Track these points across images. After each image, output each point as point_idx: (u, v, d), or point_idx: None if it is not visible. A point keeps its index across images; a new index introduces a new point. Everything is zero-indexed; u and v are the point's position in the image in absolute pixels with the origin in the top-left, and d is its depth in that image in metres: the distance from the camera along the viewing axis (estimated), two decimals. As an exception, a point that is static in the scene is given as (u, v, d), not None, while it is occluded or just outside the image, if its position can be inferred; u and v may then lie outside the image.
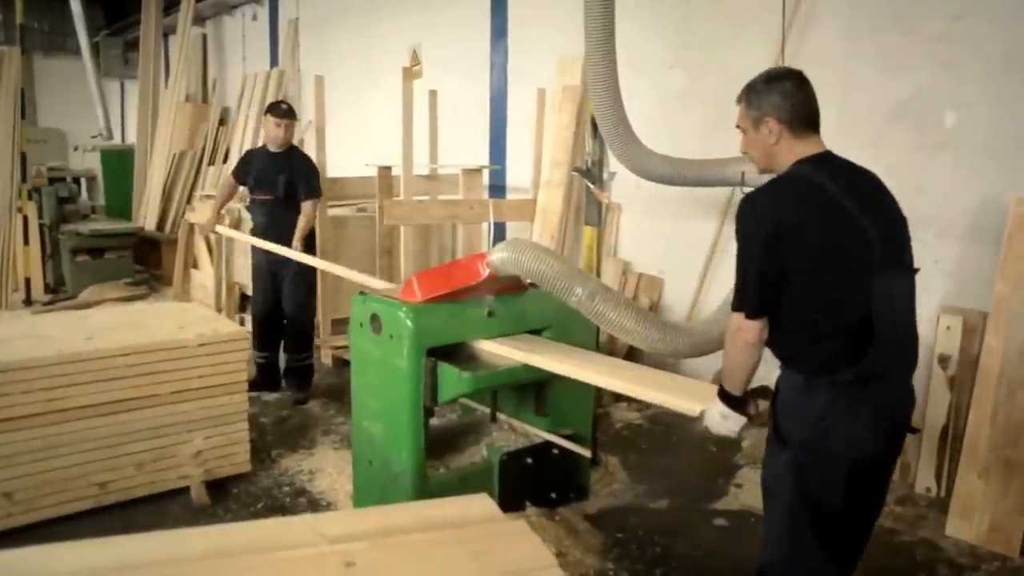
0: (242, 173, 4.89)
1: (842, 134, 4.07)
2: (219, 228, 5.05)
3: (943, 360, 3.56)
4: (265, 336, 4.89)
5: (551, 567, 1.67)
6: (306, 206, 4.71)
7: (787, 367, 2.06)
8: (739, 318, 2.00)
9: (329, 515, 2.36)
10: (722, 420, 2.12)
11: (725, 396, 2.11)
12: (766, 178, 3.31)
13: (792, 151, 2.04)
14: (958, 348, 3.53)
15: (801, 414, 1.99)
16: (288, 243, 4.55)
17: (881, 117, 3.96)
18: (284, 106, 4.82)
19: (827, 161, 2.03)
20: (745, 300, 1.99)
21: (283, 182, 4.67)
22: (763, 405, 2.17)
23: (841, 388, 1.94)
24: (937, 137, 3.76)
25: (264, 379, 4.88)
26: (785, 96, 2.02)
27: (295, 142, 5.06)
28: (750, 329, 1.98)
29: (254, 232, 4.83)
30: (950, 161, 3.72)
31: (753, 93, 2.08)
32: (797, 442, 1.99)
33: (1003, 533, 3.03)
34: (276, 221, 4.70)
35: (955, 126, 3.72)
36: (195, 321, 3.70)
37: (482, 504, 2.00)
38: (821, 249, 1.92)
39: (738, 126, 2.14)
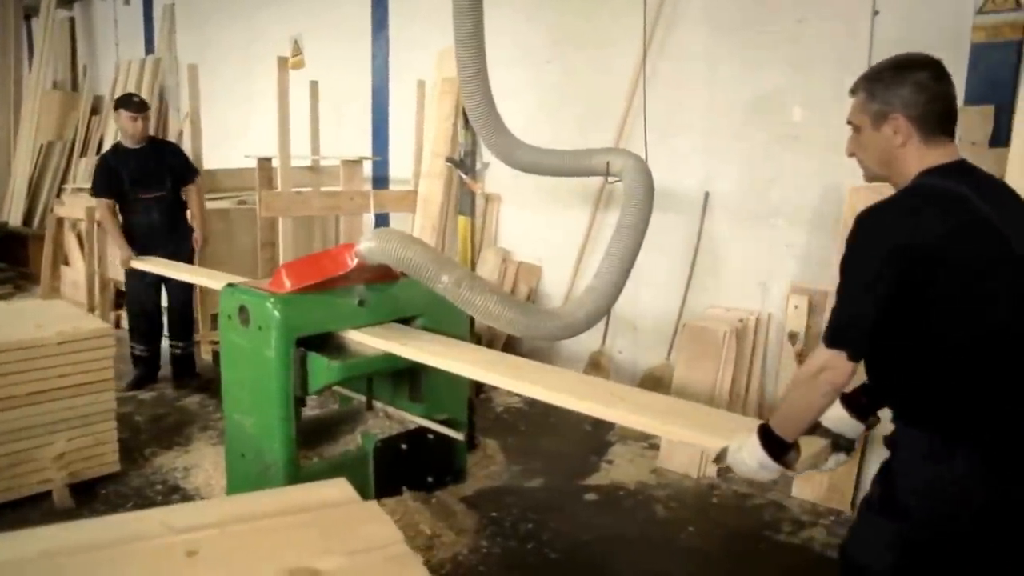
0: (111, 185, 4.56)
1: (709, 127, 4.33)
2: (135, 264, 4.57)
3: (792, 336, 3.84)
4: (149, 330, 4.81)
5: (397, 543, 1.72)
6: (193, 190, 4.72)
7: (912, 423, 1.68)
8: (830, 355, 1.59)
9: (180, 507, 2.33)
10: (757, 468, 1.71)
11: (770, 440, 1.69)
12: (620, 164, 3.45)
13: (920, 158, 1.67)
14: (805, 325, 3.81)
15: (930, 483, 1.62)
16: (187, 237, 4.63)
17: (742, 112, 4.20)
18: (137, 99, 4.74)
19: (966, 171, 1.68)
20: (851, 334, 1.59)
21: (168, 175, 4.60)
22: (806, 449, 1.77)
23: (989, 449, 1.59)
24: (788, 131, 4.03)
25: (146, 373, 4.82)
26: (919, 89, 1.65)
27: (175, 134, 4.94)
28: (843, 369, 1.58)
29: (144, 233, 4.61)
30: (799, 154, 3.99)
31: (878, 83, 1.70)
32: (917, 516, 1.63)
33: (839, 491, 3.31)
34: (171, 217, 4.65)
35: (802, 121, 4.00)
36: (57, 319, 3.55)
37: (339, 488, 2.01)
38: (969, 274, 1.57)
39: (849, 122, 1.77)
